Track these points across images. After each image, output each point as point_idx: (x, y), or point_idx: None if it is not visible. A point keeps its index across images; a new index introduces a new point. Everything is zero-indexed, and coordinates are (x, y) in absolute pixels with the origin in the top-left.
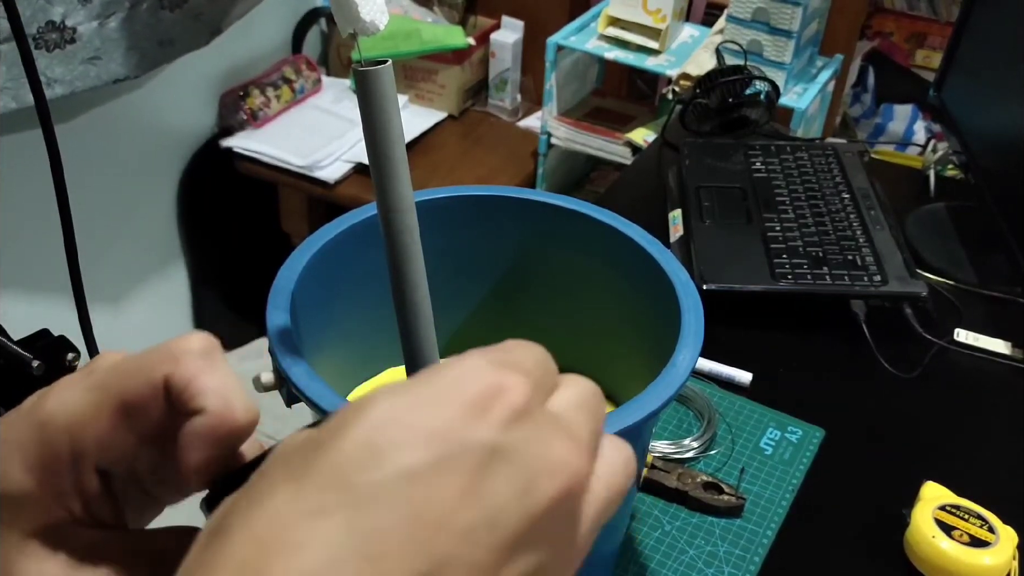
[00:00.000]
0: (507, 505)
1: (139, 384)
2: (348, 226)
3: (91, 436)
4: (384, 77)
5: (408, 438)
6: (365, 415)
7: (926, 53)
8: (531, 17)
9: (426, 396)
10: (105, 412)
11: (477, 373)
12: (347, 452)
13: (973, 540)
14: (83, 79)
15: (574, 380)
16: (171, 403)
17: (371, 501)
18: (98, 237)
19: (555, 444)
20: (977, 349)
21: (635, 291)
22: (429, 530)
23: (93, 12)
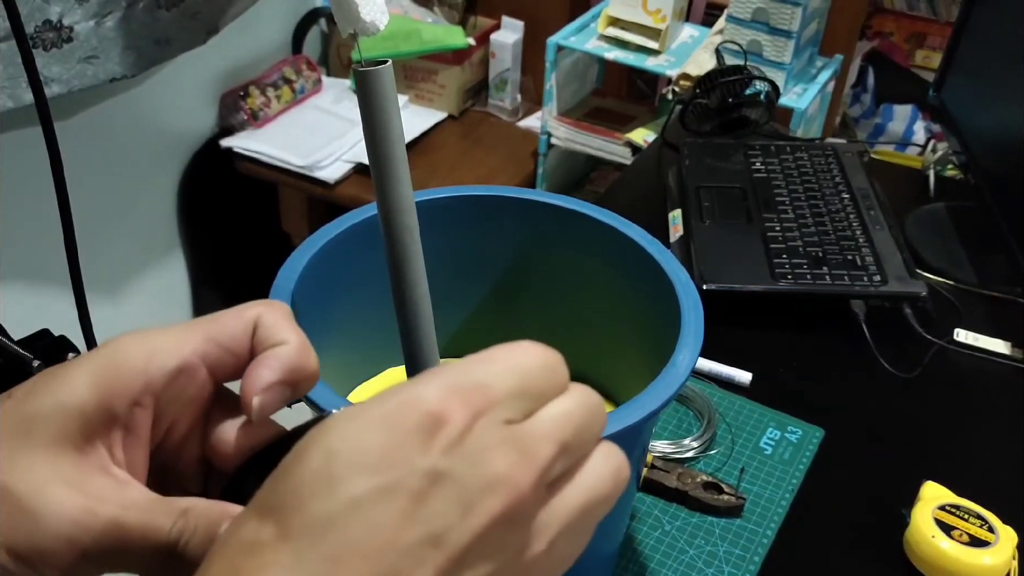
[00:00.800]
0: (449, 524)
1: (230, 319)
2: (348, 226)
3: (167, 366)
4: (384, 77)
5: (357, 465)
6: (320, 442)
7: (926, 53)
8: (531, 17)
9: (377, 421)
10: (190, 342)
11: (425, 398)
12: (304, 480)
13: (973, 540)
14: (80, 78)
15: (572, 391)
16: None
17: (323, 529)
18: (98, 236)
19: (497, 461)
20: (977, 349)
21: (635, 291)
22: (377, 553)
23: (90, 11)
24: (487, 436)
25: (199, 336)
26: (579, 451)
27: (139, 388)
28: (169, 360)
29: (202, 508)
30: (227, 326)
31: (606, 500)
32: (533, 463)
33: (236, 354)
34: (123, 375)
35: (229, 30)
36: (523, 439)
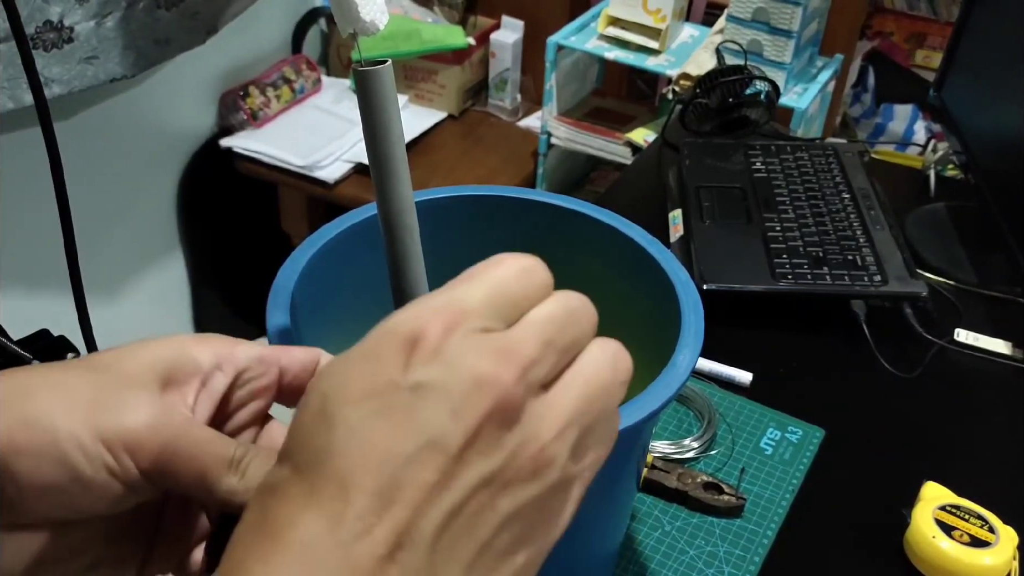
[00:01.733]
0: (441, 428)
1: (300, 352)
2: (348, 226)
3: (251, 352)
4: (384, 77)
5: (346, 398)
6: (315, 389)
7: (926, 53)
8: (531, 17)
9: (359, 356)
10: (271, 349)
11: (400, 322)
12: (306, 423)
13: (973, 540)
14: (80, 79)
15: (555, 295)
16: None
17: (327, 457)
18: (98, 237)
19: (478, 363)
20: (977, 349)
21: (635, 291)
22: (378, 467)
23: (91, 11)
24: (464, 344)
25: (279, 349)
26: (570, 349)
27: (225, 355)
28: (252, 349)
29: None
30: (296, 355)
31: (606, 389)
32: (514, 359)
33: (298, 378)
34: (213, 343)
35: (229, 30)
36: (502, 341)
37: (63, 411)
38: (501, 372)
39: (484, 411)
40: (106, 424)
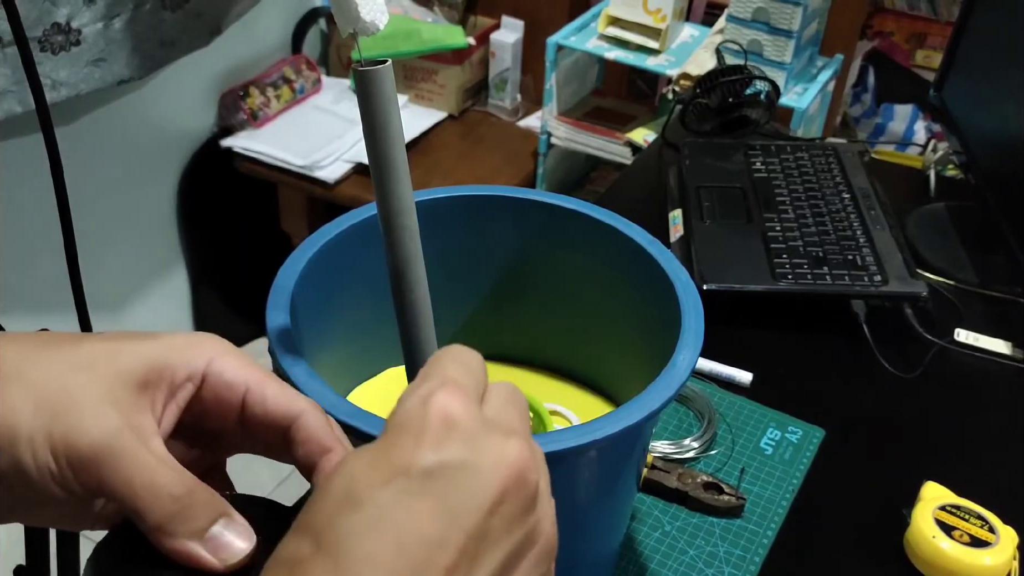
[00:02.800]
0: (467, 507)
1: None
2: (348, 226)
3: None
4: (384, 77)
5: (371, 481)
6: (343, 469)
7: (926, 53)
8: (531, 17)
9: (387, 436)
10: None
11: (407, 411)
12: (333, 500)
13: (973, 540)
14: (88, 81)
15: (497, 385)
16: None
17: (353, 537)
18: (98, 237)
19: (500, 443)
20: (977, 349)
21: (635, 291)
22: (407, 547)
23: (98, 13)
24: (478, 424)
25: (261, 378)
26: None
27: (196, 369)
28: (227, 371)
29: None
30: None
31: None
32: (523, 437)
33: (269, 420)
34: (189, 354)
35: (229, 30)
36: (504, 420)
37: (31, 410)
38: (521, 449)
39: (509, 489)
40: (61, 435)
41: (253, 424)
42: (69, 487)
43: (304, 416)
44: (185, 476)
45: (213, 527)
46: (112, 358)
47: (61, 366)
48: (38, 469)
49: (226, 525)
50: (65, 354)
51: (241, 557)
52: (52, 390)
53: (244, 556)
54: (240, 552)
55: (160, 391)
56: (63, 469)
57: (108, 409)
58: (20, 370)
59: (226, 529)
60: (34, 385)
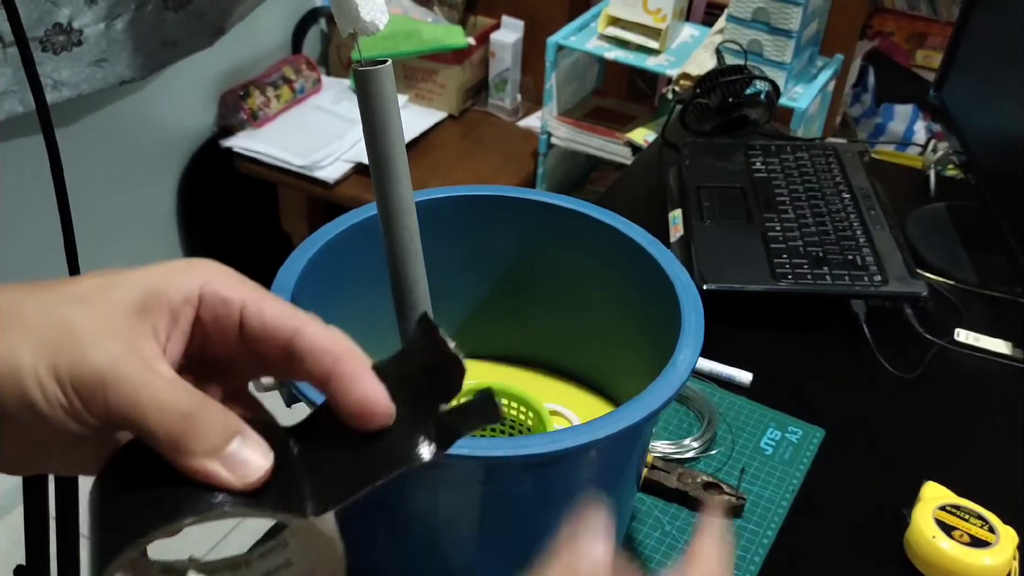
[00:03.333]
0: None
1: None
2: (348, 226)
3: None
4: (384, 77)
5: None
6: None
7: (926, 53)
8: (531, 17)
9: None
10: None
11: None
12: None
13: (973, 540)
14: (90, 81)
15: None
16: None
17: None
18: (98, 237)
19: None
20: (977, 349)
21: (635, 291)
22: None
23: (100, 14)
24: None
25: (259, 295)
26: None
27: (192, 291)
28: (222, 289)
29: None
30: (278, 315)
31: None
32: None
33: (269, 335)
34: (183, 277)
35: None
36: None
37: (32, 347)
38: None
39: None
40: (66, 364)
41: (254, 341)
42: (81, 417)
43: (305, 327)
44: (195, 394)
45: (230, 445)
46: (107, 290)
47: (57, 304)
48: (48, 403)
49: (243, 443)
50: (60, 293)
51: (260, 475)
52: (51, 326)
53: (263, 473)
54: (259, 469)
55: (161, 317)
56: (71, 399)
57: (108, 336)
58: (17, 312)
59: (243, 447)
60: (33, 325)
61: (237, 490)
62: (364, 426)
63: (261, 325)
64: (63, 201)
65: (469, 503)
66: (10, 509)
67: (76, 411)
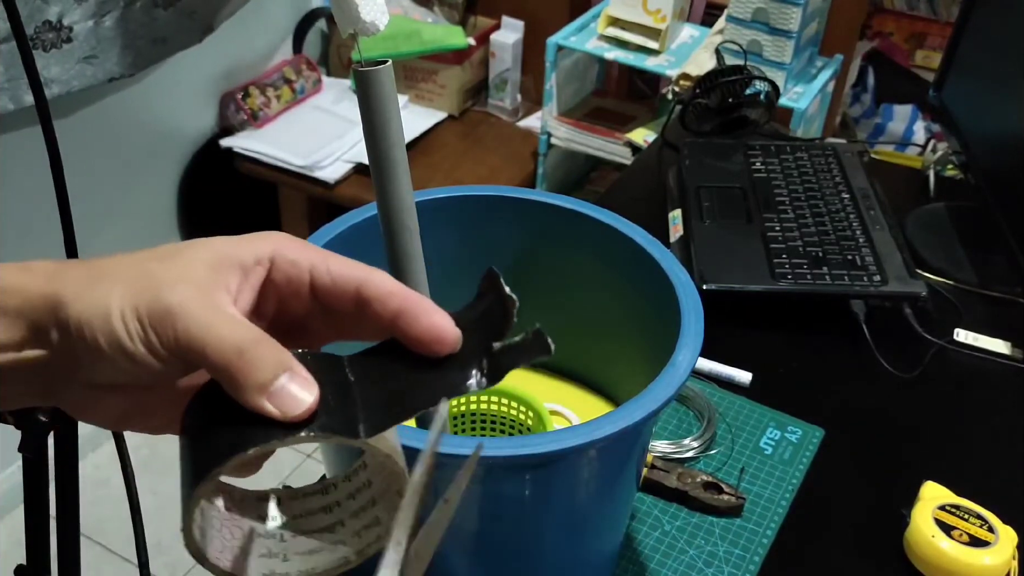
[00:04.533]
0: None
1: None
2: (348, 226)
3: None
4: (384, 77)
5: None
6: None
7: (926, 53)
8: (531, 17)
9: None
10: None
11: None
12: None
13: (973, 540)
14: (80, 78)
15: None
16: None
17: None
18: (98, 237)
19: None
20: (977, 349)
21: (635, 291)
22: None
23: (89, 11)
24: None
25: (324, 255)
26: None
27: (263, 253)
28: (291, 252)
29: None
30: (344, 269)
31: None
32: None
33: (338, 288)
34: (256, 243)
35: (229, 30)
36: None
37: (120, 291)
38: None
39: None
40: (145, 303)
41: (325, 296)
42: (156, 351)
43: (372, 275)
44: (252, 330)
45: (277, 380)
46: (185, 250)
47: (142, 261)
48: (129, 335)
49: (290, 378)
50: (144, 255)
51: (302, 410)
52: (135, 276)
53: (305, 409)
54: (301, 405)
55: (232, 273)
56: (148, 332)
57: (182, 282)
58: (110, 268)
59: (290, 382)
60: (121, 276)
61: (287, 421)
62: (433, 351)
63: (330, 280)
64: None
65: (469, 503)
66: (10, 509)
67: (152, 344)
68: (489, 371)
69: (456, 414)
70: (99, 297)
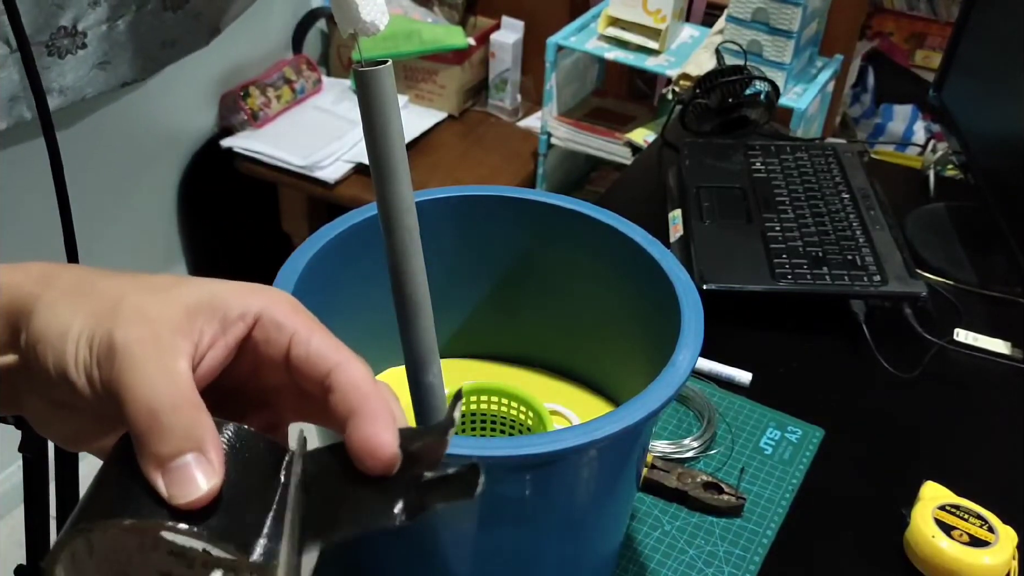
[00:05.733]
0: None
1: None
2: (348, 226)
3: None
4: (384, 77)
5: None
6: None
7: (926, 53)
8: (531, 17)
9: None
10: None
11: None
12: None
13: (973, 540)
14: (93, 84)
15: None
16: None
17: None
18: (98, 237)
19: None
20: (977, 349)
21: (635, 291)
22: None
23: (103, 15)
24: None
25: (311, 326)
26: None
27: (250, 310)
28: (279, 314)
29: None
30: (323, 347)
31: None
32: None
33: (311, 364)
34: (247, 297)
35: (229, 30)
36: None
37: (86, 313)
38: None
39: None
40: (101, 333)
41: (297, 369)
42: (93, 383)
43: (347, 364)
44: (179, 393)
45: (180, 457)
46: (176, 287)
47: (129, 288)
48: (76, 362)
49: (196, 459)
50: (140, 281)
51: (190, 499)
52: (110, 302)
53: (192, 499)
54: (191, 493)
55: (210, 323)
56: (92, 362)
57: (145, 323)
58: (91, 285)
59: (195, 464)
60: (99, 297)
61: (173, 506)
62: (364, 466)
63: (306, 354)
64: (63, 201)
65: (468, 503)
66: (10, 509)
67: (92, 377)
68: (412, 506)
69: None
70: (65, 314)
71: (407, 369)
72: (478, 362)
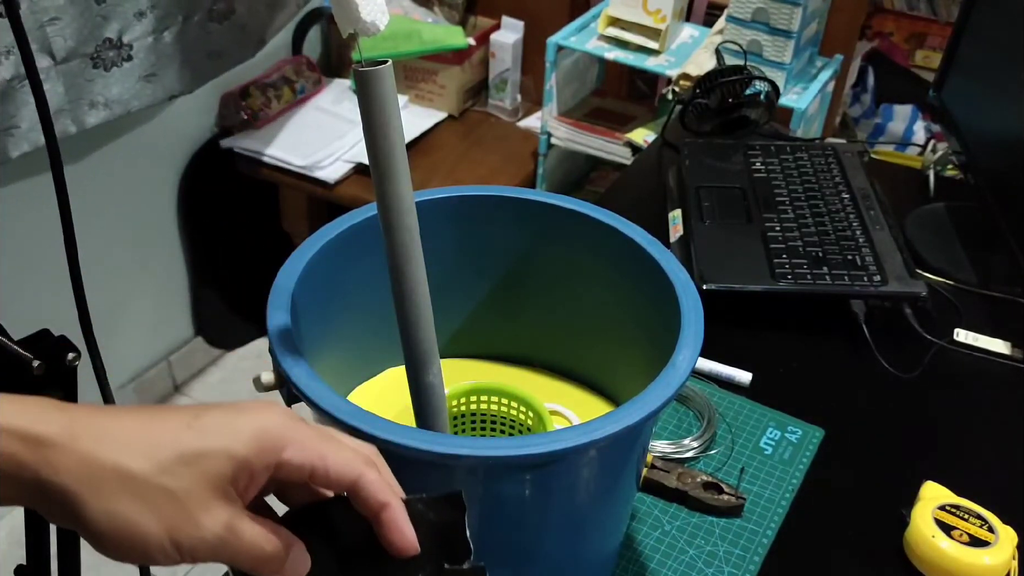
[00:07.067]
0: None
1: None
2: (348, 226)
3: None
4: (384, 77)
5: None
6: None
7: (926, 53)
8: (531, 17)
9: None
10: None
11: None
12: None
13: (973, 540)
14: (140, 97)
15: None
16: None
17: None
18: (98, 237)
19: None
20: (977, 349)
21: (635, 291)
22: None
23: (149, 26)
24: None
25: (323, 454)
26: None
27: (272, 463)
28: (295, 458)
29: None
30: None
31: None
32: None
33: (334, 487)
34: (266, 455)
35: None
36: None
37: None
38: None
39: None
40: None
41: (319, 484)
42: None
43: (363, 476)
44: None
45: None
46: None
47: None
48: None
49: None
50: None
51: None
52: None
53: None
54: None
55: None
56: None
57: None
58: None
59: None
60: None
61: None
62: (394, 553)
63: (327, 477)
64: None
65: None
66: (10, 509)
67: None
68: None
69: (456, 414)
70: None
71: (407, 369)
72: (478, 362)
